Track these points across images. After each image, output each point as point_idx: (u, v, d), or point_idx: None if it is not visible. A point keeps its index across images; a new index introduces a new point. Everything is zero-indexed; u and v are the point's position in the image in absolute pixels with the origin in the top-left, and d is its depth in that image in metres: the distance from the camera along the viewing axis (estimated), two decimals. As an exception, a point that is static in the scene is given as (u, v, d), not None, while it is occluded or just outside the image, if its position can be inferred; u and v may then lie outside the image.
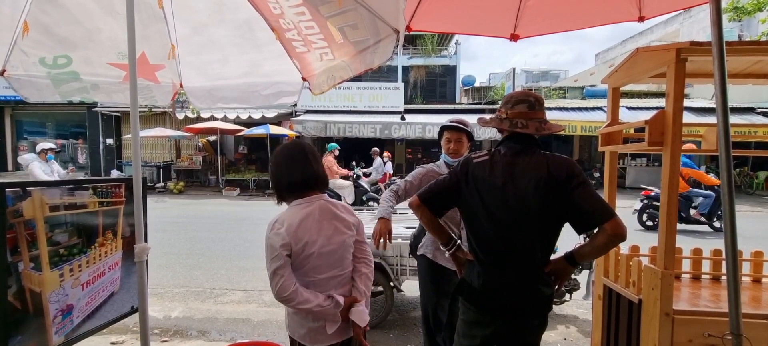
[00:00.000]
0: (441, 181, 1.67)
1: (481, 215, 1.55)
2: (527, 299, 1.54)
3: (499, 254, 1.55)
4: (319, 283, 1.59)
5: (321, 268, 1.59)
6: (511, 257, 1.54)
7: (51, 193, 1.79)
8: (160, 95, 2.85)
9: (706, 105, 13.73)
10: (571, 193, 1.45)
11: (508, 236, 1.52)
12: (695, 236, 7.21)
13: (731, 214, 1.24)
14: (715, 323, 1.71)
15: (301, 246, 1.54)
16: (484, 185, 1.54)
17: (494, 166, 1.56)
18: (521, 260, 1.53)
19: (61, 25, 2.29)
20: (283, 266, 1.50)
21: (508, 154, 1.56)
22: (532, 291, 1.54)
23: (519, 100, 1.59)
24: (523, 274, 1.53)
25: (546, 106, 1.64)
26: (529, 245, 1.52)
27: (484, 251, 1.58)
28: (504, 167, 1.54)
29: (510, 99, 1.62)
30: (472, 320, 1.61)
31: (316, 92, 2.65)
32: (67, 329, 1.89)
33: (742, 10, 9.12)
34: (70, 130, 17.39)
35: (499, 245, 1.54)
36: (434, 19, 2.64)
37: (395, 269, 3.52)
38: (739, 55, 1.76)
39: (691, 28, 17.56)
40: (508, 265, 1.54)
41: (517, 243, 1.52)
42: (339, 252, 1.64)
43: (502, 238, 1.53)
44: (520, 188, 1.49)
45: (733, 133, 1.34)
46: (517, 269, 1.53)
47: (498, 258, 1.55)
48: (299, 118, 13.82)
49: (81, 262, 1.93)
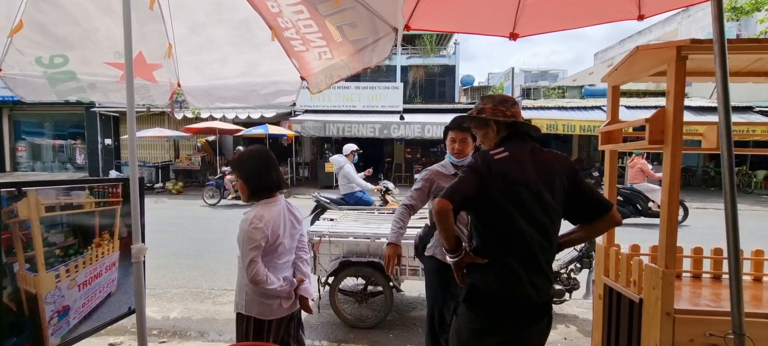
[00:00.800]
0: (467, 180, 1.54)
1: (513, 213, 1.49)
2: (547, 296, 1.56)
3: (529, 252, 1.51)
4: (278, 267, 1.92)
5: (282, 255, 1.93)
6: (543, 254, 1.53)
7: (46, 193, 1.77)
8: (158, 95, 2.83)
9: (706, 104, 13.75)
10: (579, 184, 1.57)
11: (542, 233, 1.52)
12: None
13: (733, 212, 1.23)
14: (716, 323, 1.70)
15: (275, 238, 1.84)
16: (514, 182, 1.50)
17: (520, 163, 1.53)
18: (550, 257, 1.57)
19: (57, 24, 2.27)
20: (258, 254, 1.78)
21: (525, 150, 1.57)
22: (549, 289, 1.56)
23: (513, 101, 1.67)
24: (548, 271, 1.55)
25: (545, 105, 1.67)
26: (555, 241, 1.58)
27: (510, 251, 1.51)
28: (533, 164, 1.54)
29: (505, 100, 1.66)
30: (484, 327, 1.54)
31: (315, 91, 2.64)
32: (64, 330, 1.87)
33: (740, 9, 9.15)
34: (68, 130, 17.35)
35: (532, 243, 1.50)
36: (433, 18, 2.63)
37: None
38: (740, 52, 1.75)
39: (689, 27, 17.59)
40: (537, 263, 1.52)
41: (551, 240, 1.55)
42: (294, 242, 2.02)
43: (535, 235, 1.50)
44: (549, 184, 1.53)
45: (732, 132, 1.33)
46: (546, 267, 1.55)
47: (528, 257, 1.51)
48: (298, 118, 13.81)
49: (77, 263, 1.91)
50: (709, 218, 9.06)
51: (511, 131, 1.62)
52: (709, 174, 15.00)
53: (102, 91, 2.59)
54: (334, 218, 4.15)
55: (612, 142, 2.24)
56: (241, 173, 1.91)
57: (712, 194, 12.96)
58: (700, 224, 8.41)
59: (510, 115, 1.61)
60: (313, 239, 3.52)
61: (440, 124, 13.27)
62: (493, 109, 1.64)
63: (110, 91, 2.61)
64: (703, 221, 8.80)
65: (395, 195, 7.13)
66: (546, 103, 14.99)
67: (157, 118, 15.50)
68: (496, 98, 1.67)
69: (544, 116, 13.30)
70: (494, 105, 1.64)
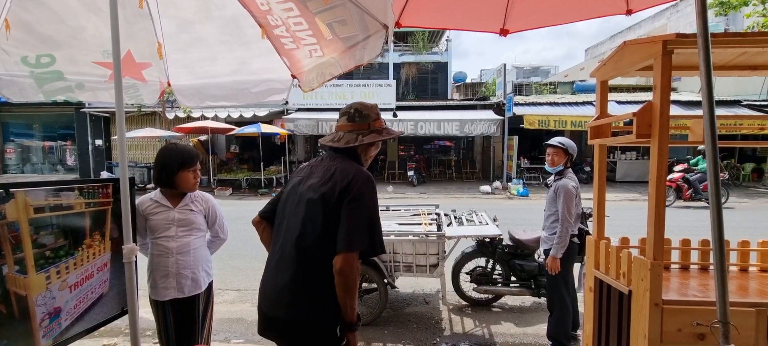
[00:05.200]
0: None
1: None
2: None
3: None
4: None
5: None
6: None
7: (35, 194, 1.75)
8: (147, 94, 2.80)
9: (693, 98, 13.93)
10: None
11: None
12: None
13: (718, 204, 1.25)
14: (703, 312, 1.73)
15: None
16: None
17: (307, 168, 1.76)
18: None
19: (43, 23, 2.24)
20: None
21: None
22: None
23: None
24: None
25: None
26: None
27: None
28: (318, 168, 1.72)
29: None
30: None
31: (307, 89, 2.63)
32: (55, 332, 1.85)
33: (727, 4, 9.27)
34: (58, 131, 17.10)
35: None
36: (424, 15, 2.63)
37: (388, 265, 3.52)
38: (724, 46, 1.77)
39: (678, 23, 17.78)
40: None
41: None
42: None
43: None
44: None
45: (719, 126, 1.36)
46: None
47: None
48: (290, 117, 13.75)
49: (68, 264, 1.89)
50: (698, 212, 9.20)
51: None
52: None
53: (90, 90, 2.56)
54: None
55: (601, 137, 2.26)
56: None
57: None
58: (690, 216, 8.54)
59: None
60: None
61: (433, 121, 13.30)
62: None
63: (99, 91, 2.58)
64: (692, 213, 8.94)
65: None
66: (538, 100, 15.09)
67: (148, 118, 15.34)
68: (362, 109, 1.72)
69: (535, 112, 13.40)
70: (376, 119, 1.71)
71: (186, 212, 2.19)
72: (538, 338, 3.38)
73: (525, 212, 9.27)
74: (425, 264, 3.49)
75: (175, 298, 2.16)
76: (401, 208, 4.56)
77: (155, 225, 2.14)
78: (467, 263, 3.96)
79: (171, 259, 2.15)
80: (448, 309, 3.94)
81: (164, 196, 2.18)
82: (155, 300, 2.18)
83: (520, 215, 8.64)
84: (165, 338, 2.19)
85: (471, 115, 13.73)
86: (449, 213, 4.32)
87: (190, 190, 2.21)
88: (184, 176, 2.14)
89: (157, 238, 2.15)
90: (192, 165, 2.16)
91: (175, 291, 2.16)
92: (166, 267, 2.15)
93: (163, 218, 2.15)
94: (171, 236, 2.15)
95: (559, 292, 3.07)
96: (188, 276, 2.18)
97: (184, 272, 2.17)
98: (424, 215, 4.15)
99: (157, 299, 2.17)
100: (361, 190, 1.49)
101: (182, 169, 2.13)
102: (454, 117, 13.42)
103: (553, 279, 3.09)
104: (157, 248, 2.16)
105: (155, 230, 2.15)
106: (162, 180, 2.16)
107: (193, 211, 2.21)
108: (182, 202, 2.20)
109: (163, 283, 2.15)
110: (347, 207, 1.47)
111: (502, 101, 13.78)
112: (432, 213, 4.27)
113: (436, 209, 4.39)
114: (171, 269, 2.15)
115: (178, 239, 2.16)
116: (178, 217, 2.17)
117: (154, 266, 2.17)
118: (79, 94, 2.53)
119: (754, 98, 13.89)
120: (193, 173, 2.17)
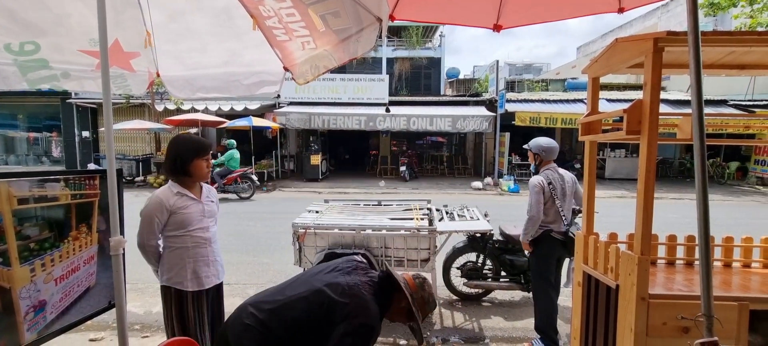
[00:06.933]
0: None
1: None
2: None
3: None
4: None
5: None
6: None
7: (19, 185, 1.71)
8: (135, 84, 2.75)
9: (682, 97, 14.14)
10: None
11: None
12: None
13: (704, 201, 1.27)
14: (688, 306, 1.77)
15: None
16: None
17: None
18: None
19: (27, 10, 2.17)
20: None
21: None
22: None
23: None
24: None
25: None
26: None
27: None
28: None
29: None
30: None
31: (301, 82, 2.61)
32: (40, 325, 1.82)
33: (717, 5, 9.39)
34: (43, 122, 16.76)
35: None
36: (418, 9, 2.62)
37: (379, 259, 3.52)
38: (714, 45, 1.80)
39: (668, 22, 17.98)
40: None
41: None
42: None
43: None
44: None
45: (706, 124, 1.37)
46: None
47: None
48: (282, 110, 13.65)
49: (53, 256, 1.86)
50: (685, 209, 9.37)
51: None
52: (686, 165, 15.46)
53: (76, 80, 2.50)
54: (319, 210, 4.13)
55: (592, 133, 2.28)
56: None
57: (688, 184, 13.39)
58: (677, 213, 8.69)
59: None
60: (299, 230, 3.50)
61: (425, 117, 13.30)
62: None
63: (85, 80, 2.53)
64: (679, 210, 9.10)
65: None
66: (530, 96, 15.18)
67: (137, 110, 15.09)
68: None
69: (527, 109, 13.49)
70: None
71: (209, 203, 2.29)
72: (526, 332, 3.42)
73: (516, 207, 9.35)
74: (416, 259, 3.50)
75: (213, 285, 2.29)
76: (393, 203, 4.56)
77: (189, 218, 2.18)
78: (458, 257, 3.98)
79: (209, 248, 2.25)
80: (438, 303, 3.97)
81: (185, 188, 2.20)
82: (194, 291, 2.21)
83: (511, 211, 8.71)
84: (206, 324, 2.27)
85: (463, 111, 13.76)
86: (441, 208, 4.33)
87: (203, 179, 2.26)
88: (198, 165, 2.18)
89: (192, 230, 2.19)
90: (206, 154, 2.21)
91: (215, 278, 2.30)
92: (206, 256, 2.23)
93: (196, 211, 2.21)
94: (205, 226, 2.24)
95: (540, 284, 3.14)
96: (220, 262, 2.35)
97: (219, 259, 2.34)
98: (416, 210, 4.16)
99: (198, 289, 2.22)
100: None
101: (197, 158, 2.17)
102: (446, 113, 13.44)
103: (533, 272, 3.22)
104: (192, 239, 2.19)
105: (190, 223, 2.18)
106: (176, 169, 2.18)
107: (213, 202, 2.32)
108: (203, 194, 2.28)
109: (205, 272, 2.23)
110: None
111: (495, 98, 13.82)
112: (424, 208, 4.28)
113: (427, 204, 4.40)
114: (210, 257, 2.25)
115: (211, 229, 2.28)
116: (207, 209, 2.26)
117: (194, 258, 2.20)
118: (65, 83, 2.47)
119: (740, 98, 14.14)
120: (206, 161, 2.22)
